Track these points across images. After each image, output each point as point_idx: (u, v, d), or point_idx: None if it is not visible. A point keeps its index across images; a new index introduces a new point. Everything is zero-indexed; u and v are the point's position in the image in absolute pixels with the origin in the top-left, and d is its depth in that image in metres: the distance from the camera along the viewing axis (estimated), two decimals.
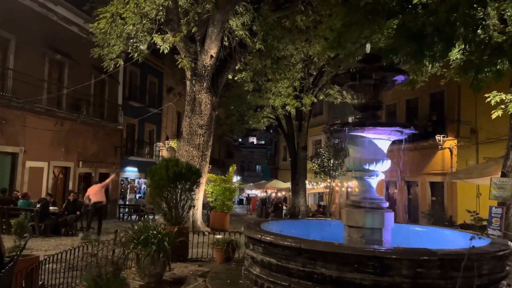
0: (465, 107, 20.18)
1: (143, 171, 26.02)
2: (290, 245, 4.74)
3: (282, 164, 39.09)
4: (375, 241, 5.66)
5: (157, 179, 8.91)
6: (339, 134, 5.95)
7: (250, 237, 5.52)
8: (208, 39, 13.81)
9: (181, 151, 14.53)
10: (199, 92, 14.48)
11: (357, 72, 5.68)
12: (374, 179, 5.96)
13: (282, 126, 24.52)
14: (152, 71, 27.06)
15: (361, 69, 5.71)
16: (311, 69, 22.25)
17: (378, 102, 5.95)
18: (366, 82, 5.76)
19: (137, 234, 6.79)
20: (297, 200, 22.84)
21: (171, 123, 30.53)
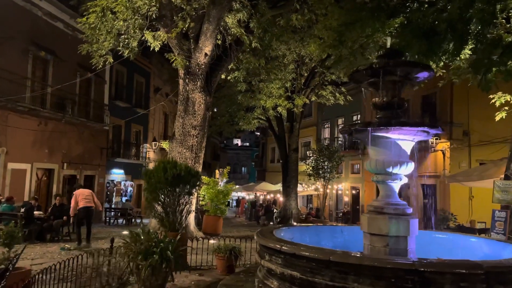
0: (457, 109, 20.12)
1: (129, 174, 25.29)
2: (317, 256, 4.28)
3: (270, 166, 38.70)
4: (400, 250, 5.25)
5: (154, 182, 8.35)
6: (361, 134, 5.53)
7: (267, 247, 5.03)
8: (203, 36, 13.29)
9: (174, 152, 13.94)
10: (193, 91, 13.94)
11: (381, 67, 5.27)
12: (397, 183, 5.56)
13: (273, 127, 24.09)
14: (139, 70, 26.35)
15: (385, 64, 5.30)
16: (302, 70, 21.92)
17: (401, 100, 5.55)
18: (390, 78, 5.36)
19: (137, 242, 6.23)
20: (288, 203, 22.43)
21: (158, 124, 29.83)
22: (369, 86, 5.75)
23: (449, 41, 8.11)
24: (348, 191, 27.16)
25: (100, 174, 21.49)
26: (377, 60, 5.66)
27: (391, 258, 4.15)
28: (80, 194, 11.44)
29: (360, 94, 25.23)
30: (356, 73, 5.80)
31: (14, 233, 5.13)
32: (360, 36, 11.73)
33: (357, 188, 26.59)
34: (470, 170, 14.19)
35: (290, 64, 20.09)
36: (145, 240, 6.27)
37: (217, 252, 8.17)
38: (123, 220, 20.34)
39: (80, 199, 11.21)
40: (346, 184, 26.88)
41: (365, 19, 10.91)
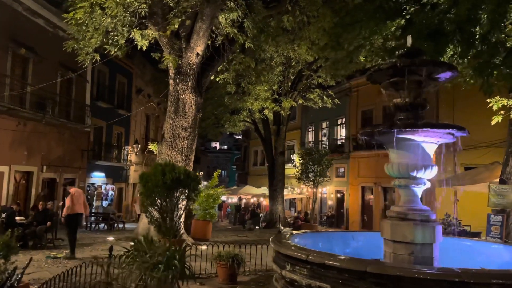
0: (443, 114, 20.30)
1: (110, 177, 24.51)
2: (352, 267, 3.98)
3: (253, 169, 38.39)
4: (425, 258, 5.02)
5: (152, 186, 7.91)
6: (383, 136, 5.27)
7: (289, 256, 4.70)
8: (195, 35, 12.89)
9: (163, 155, 13.45)
10: (183, 92, 13.50)
11: (406, 66, 5.04)
12: (421, 188, 5.34)
13: (259, 130, 23.82)
14: (121, 70, 25.63)
15: (410, 63, 5.07)
16: (289, 72, 21.75)
17: (424, 101, 5.34)
18: (414, 78, 5.14)
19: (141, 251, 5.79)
20: (274, 207, 22.17)
21: (140, 125, 29.11)
22: (389, 86, 5.50)
23: (456, 42, 8.01)
24: (332, 195, 27.11)
25: (80, 177, 20.69)
26: (399, 59, 5.42)
27: (433, 269, 3.89)
28: (79, 197, 10.36)
29: (346, 98, 25.28)
30: (376, 72, 5.54)
31: (11, 243, 4.64)
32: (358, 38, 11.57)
33: (342, 191, 26.58)
34: (461, 174, 14.22)
35: (277, 66, 19.88)
36: (149, 248, 5.83)
37: (218, 259, 7.77)
38: (105, 225, 19.59)
39: (77, 202, 10.21)
40: (330, 187, 26.82)
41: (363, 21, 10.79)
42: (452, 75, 5.31)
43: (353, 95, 25.67)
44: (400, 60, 5.14)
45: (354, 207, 25.32)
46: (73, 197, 10.16)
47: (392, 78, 5.30)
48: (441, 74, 5.24)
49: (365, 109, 24.95)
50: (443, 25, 8.48)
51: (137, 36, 13.03)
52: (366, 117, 24.96)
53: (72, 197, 10.15)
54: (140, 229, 13.21)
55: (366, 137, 5.58)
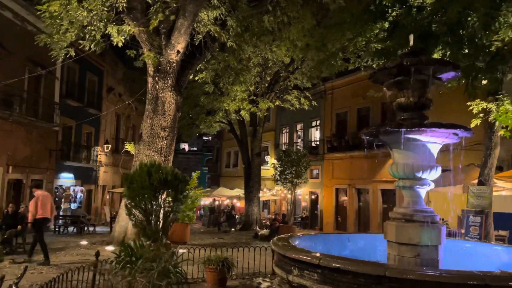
0: None
1: (79, 178, 23.58)
2: (369, 271, 3.81)
3: (225, 171, 38.03)
4: (431, 260, 4.94)
5: (137, 188, 7.51)
6: (389, 136, 5.17)
7: (296, 260, 4.50)
8: (176, 32, 12.51)
9: (141, 155, 12.98)
10: (163, 91, 13.09)
11: (412, 65, 4.95)
12: (425, 189, 5.26)
13: (235, 131, 23.55)
14: (92, 68, 24.74)
15: (417, 61, 4.99)
16: (267, 74, 21.62)
17: (428, 101, 5.27)
18: (419, 77, 5.06)
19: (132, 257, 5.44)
20: (250, 209, 21.95)
21: (110, 125, 28.20)
22: (393, 85, 5.40)
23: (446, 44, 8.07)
24: (307, 196, 27.16)
25: (48, 178, 19.76)
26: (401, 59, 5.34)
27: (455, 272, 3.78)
28: (45, 200, 9.72)
29: (320, 100, 25.37)
30: (379, 72, 5.44)
31: None
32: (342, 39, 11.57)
33: (316, 193, 26.67)
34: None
35: (255, 67, 19.70)
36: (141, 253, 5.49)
37: (207, 263, 7.47)
38: (74, 228, 18.77)
39: (43, 206, 9.62)
40: (305, 189, 26.85)
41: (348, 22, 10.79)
42: (455, 75, 5.28)
43: (327, 98, 25.83)
44: (407, 59, 5.05)
45: (328, 209, 25.45)
46: (39, 201, 9.57)
47: (397, 77, 5.20)
48: (445, 73, 5.19)
49: (340, 111, 25.15)
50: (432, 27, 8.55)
51: (113, 31, 12.54)
52: (340, 120, 25.18)
53: (38, 200, 9.56)
54: (116, 232, 12.69)
55: (369, 137, 5.46)
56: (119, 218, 12.94)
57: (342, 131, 24.50)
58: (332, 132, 25.25)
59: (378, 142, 5.57)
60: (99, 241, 13.19)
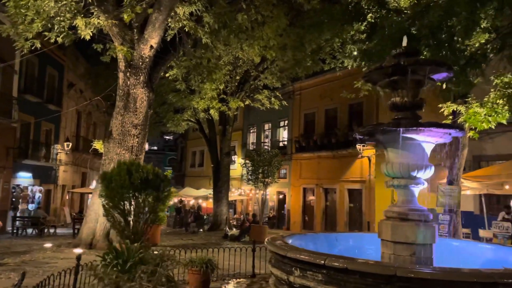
0: (382, 118, 21.20)
1: (38, 177, 22.43)
2: (378, 271, 3.76)
3: (190, 170, 37.47)
4: (426, 259, 4.98)
5: (116, 187, 7.17)
6: (386, 135, 5.16)
7: (299, 260, 4.39)
8: (150, 26, 12.12)
9: (111, 154, 12.48)
10: (134, 87, 12.65)
11: (409, 65, 4.98)
12: (419, 188, 5.31)
13: (203, 130, 23.19)
14: (52, 62, 23.60)
15: (414, 62, 5.02)
16: (237, 73, 21.45)
17: (421, 101, 5.32)
18: (415, 77, 5.09)
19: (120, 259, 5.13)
20: (219, 209, 21.70)
21: (71, 123, 27.06)
22: (387, 85, 5.42)
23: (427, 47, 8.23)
24: (274, 196, 27.22)
25: (5, 177, 18.66)
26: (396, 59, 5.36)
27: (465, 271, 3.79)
28: None
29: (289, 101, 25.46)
30: (374, 71, 5.43)
31: None
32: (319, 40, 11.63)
33: (283, 193, 26.79)
34: None
35: (226, 65, 19.48)
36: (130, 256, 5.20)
37: (190, 265, 7.22)
38: (34, 230, 17.84)
39: None
40: (272, 188, 26.87)
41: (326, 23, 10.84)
42: (448, 75, 5.36)
43: (296, 98, 26.00)
44: (404, 59, 5.07)
45: (295, 208, 25.62)
46: None
47: (393, 77, 5.21)
48: (438, 74, 5.26)
49: (308, 112, 25.39)
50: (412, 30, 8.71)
51: (80, 24, 11.97)
52: (308, 120, 25.41)
53: None
54: (84, 234, 12.12)
55: (365, 136, 5.45)
56: (87, 219, 12.37)
57: (310, 131, 24.73)
58: (300, 132, 25.43)
59: (371, 141, 5.56)
60: (65, 244, 12.54)
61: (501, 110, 10.84)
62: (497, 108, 10.73)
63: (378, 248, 6.11)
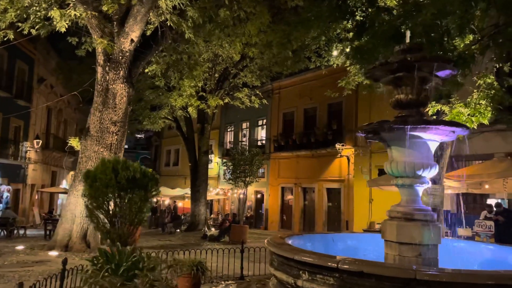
0: (361, 117, 21.32)
1: (5, 176, 21.40)
2: (396, 275, 3.59)
3: (165, 169, 36.76)
4: (431, 259, 4.87)
5: (101, 186, 6.75)
6: (391, 133, 5.01)
7: (308, 263, 4.17)
8: (132, 19, 11.66)
9: (88, 151, 11.95)
10: (114, 82, 12.16)
11: (416, 61, 4.84)
12: (423, 187, 5.19)
13: (181, 128, 22.71)
14: (22, 55, 22.56)
15: (421, 58, 4.89)
16: (216, 70, 21.12)
17: (426, 98, 5.21)
18: (420, 74, 4.97)
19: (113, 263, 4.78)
20: (197, 209, 21.29)
21: (41, 119, 25.99)
22: (391, 82, 5.27)
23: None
24: (252, 195, 27.00)
25: None
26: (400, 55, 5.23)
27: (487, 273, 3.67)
28: None
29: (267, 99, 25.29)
30: (377, 68, 5.27)
31: None
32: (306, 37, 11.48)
33: (261, 192, 26.61)
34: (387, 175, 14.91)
35: (206, 62, 19.11)
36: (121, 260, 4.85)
37: (179, 268, 6.90)
38: (2, 231, 16.96)
39: None
40: (250, 188, 26.65)
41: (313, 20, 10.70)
42: (451, 73, 5.27)
43: (275, 97, 25.86)
44: (410, 55, 4.94)
45: (273, 208, 25.48)
46: None
47: (398, 73, 5.08)
48: (442, 71, 5.15)
49: (287, 111, 25.30)
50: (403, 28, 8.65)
51: (56, 15, 11.41)
52: (287, 119, 25.32)
53: None
54: (59, 235, 11.53)
55: (369, 134, 5.29)
56: (62, 220, 11.79)
57: (289, 130, 24.64)
58: (279, 131, 25.31)
59: (374, 139, 5.41)
60: (38, 246, 11.90)
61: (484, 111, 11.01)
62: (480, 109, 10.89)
63: (376, 248, 6.00)
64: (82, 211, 11.55)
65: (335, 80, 17.72)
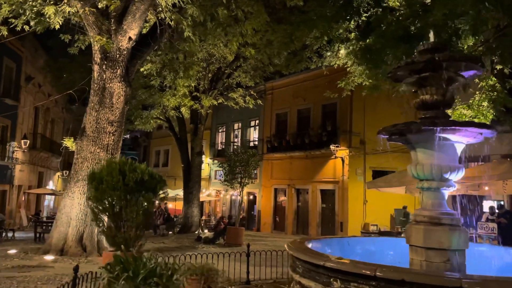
0: (356, 119, 21.32)
1: None
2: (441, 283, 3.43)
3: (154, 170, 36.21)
4: (460, 265, 4.74)
5: (107, 189, 6.47)
6: (418, 135, 4.87)
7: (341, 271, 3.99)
8: (130, 16, 11.35)
9: (84, 152, 11.59)
10: (111, 81, 11.83)
11: (443, 61, 4.72)
12: (449, 191, 5.07)
13: (173, 128, 22.35)
14: (9, 53, 21.91)
15: (449, 57, 4.76)
16: (210, 70, 20.85)
17: (452, 99, 5.09)
18: (448, 74, 4.84)
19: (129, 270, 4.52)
20: (190, 210, 20.98)
21: (28, 119, 25.33)
22: (415, 83, 5.14)
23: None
24: (244, 197, 26.73)
25: None
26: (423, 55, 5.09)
27: None
28: None
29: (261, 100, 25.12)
30: (401, 68, 5.13)
31: None
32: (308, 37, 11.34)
33: (254, 193, 26.40)
34: (389, 176, 14.87)
35: (201, 62, 18.83)
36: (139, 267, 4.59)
37: (189, 274, 6.65)
38: None
39: None
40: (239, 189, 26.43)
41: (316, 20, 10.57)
42: (476, 73, 5.16)
43: (268, 97, 25.67)
44: (438, 55, 4.81)
45: (266, 209, 25.30)
46: None
47: (423, 73, 4.94)
48: (472, 71, 5.03)
49: (280, 111, 25.16)
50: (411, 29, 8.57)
51: (50, 11, 11.05)
52: (280, 120, 25.18)
53: None
54: (54, 239, 11.15)
55: (393, 135, 5.13)
56: (57, 223, 11.40)
57: (282, 131, 24.50)
58: (272, 132, 25.14)
59: (398, 140, 5.26)
60: (31, 250, 11.48)
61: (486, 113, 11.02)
62: (483, 110, 10.89)
63: (398, 253, 5.86)
64: (78, 214, 11.24)
65: (330, 81, 17.67)
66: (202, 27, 13.02)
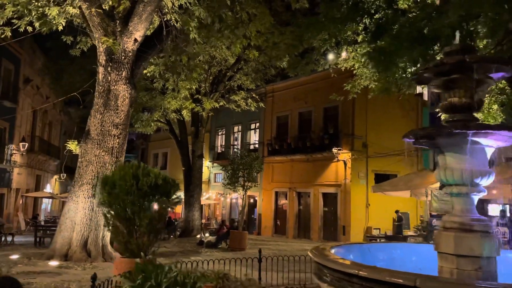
0: (358, 122, 21.23)
1: None
2: None
3: None
4: (492, 273, 4.60)
5: (120, 194, 6.29)
6: (449, 139, 4.73)
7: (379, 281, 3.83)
8: (136, 18, 11.17)
9: (89, 155, 11.37)
10: (116, 83, 11.63)
11: (474, 62, 4.59)
12: (479, 196, 4.93)
13: (174, 131, 22.15)
14: (7, 55, 21.66)
15: (480, 59, 4.64)
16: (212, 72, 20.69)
17: (481, 102, 4.97)
18: (479, 76, 4.72)
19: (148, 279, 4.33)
20: (191, 214, 20.76)
21: (27, 121, 25.04)
22: (442, 85, 5.01)
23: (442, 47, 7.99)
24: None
25: None
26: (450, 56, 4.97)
27: None
28: None
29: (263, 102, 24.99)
30: (428, 70, 5.00)
31: None
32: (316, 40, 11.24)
33: (254, 196, 26.21)
34: (395, 180, 14.78)
35: (203, 64, 18.68)
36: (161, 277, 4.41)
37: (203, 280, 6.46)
38: None
39: None
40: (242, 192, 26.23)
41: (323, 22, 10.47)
42: (504, 75, 5.04)
43: (268, 100, 25.51)
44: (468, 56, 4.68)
45: (267, 212, 25.12)
46: None
47: (452, 75, 4.81)
48: (497, 73, 4.91)
49: (281, 114, 25.03)
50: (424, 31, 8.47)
51: (54, 13, 10.88)
52: (281, 123, 25.05)
53: None
54: (58, 244, 10.90)
55: (421, 139, 4.99)
56: (61, 228, 11.16)
57: (283, 134, 24.36)
58: (273, 135, 25.00)
59: (425, 144, 5.13)
60: (35, 255, 11.21)
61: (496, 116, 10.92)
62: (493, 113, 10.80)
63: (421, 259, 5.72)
64: (83, 218, 11.01)
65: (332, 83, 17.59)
66: (206, 29, 12.84)
